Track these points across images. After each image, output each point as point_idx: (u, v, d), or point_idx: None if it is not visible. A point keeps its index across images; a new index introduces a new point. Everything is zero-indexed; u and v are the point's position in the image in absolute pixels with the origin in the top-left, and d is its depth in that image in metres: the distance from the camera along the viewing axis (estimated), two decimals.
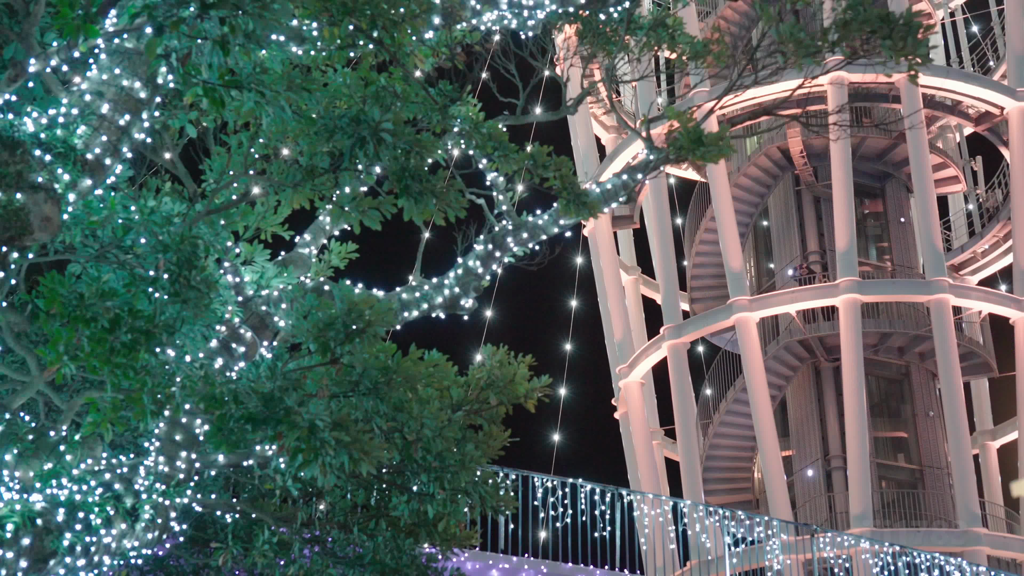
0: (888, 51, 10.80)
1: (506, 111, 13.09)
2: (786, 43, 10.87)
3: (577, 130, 40.49)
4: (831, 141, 34.79)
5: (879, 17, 10.54)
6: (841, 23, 10.83)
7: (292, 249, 13.19)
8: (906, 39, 10.64)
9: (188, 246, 9.87)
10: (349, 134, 9.87)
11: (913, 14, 10.93)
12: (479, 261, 12.13)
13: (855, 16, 10.66)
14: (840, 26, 10.80)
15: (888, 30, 10.56)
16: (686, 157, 11.26)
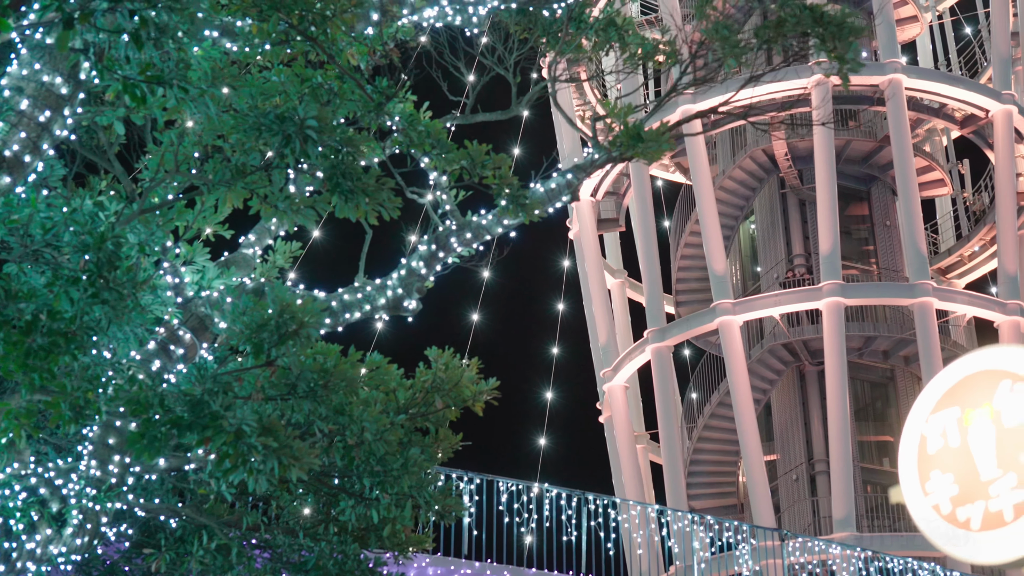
0: (820, 51, 10.56)
1: (454, 110, 12.88)
2: (714, 41, 10.65)
3: (561, 130, 40.27)
4: (815, 145, 34.59)
5: (813, 18, 10.31)
6: (774, 23, 10.60)
7: (237, 249, 12.98)
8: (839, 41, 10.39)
9: (109, 246, 9.65)
10: (275, 132, 9.65)
11: (847, 15, 10.71)
12: (422, 262, 11.89)
13: (789, 16, 10.43)
14: (773, 26, 10.58)
15: (821, 31, 10.33)
16: (627, 155, 11.03)
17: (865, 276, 37.36)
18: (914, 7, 39.67)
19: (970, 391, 9.37)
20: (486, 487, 18.56)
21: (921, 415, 9.91)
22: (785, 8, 10.42)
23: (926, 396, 9.98)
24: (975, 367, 9.54)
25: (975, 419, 9.17)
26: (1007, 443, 8.83)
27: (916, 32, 40.85)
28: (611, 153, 11.13)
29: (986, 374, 9.06)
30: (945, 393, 9.77)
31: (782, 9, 10.36)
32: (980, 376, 9.11)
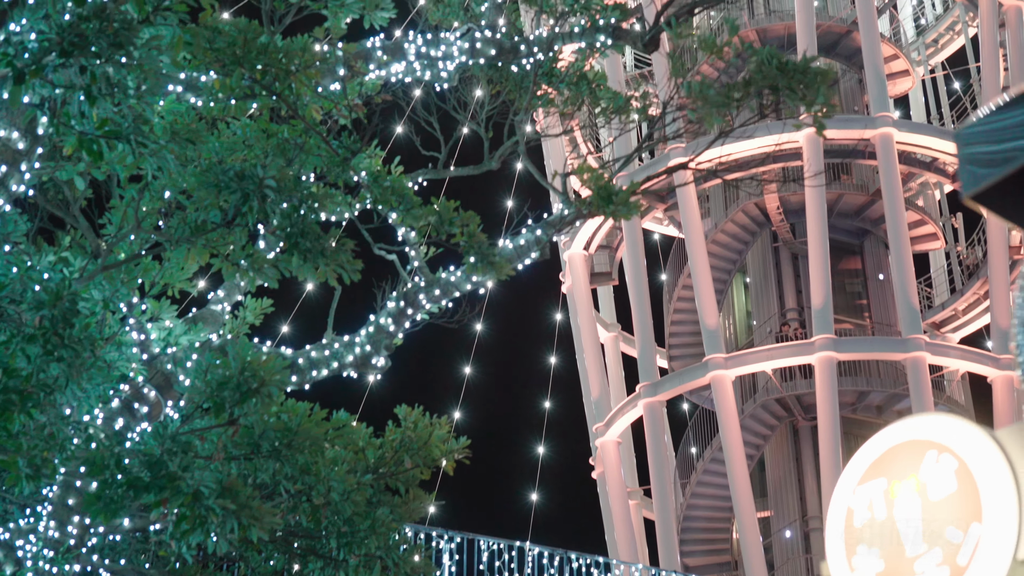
0: (793, 103, 10.48)
1: (429, 163, 12.78)
2: (695, 100, 10.56)
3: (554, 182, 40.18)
4: (807, 198, 34.54)
5: (779, 70, 10.23)
6: (744, 83, 10.52)
7: (206, 305, 12.83)
8: (808, 90, 10.30)
9: (66, 303, 9.51)
10: (234, 190, 9.52)
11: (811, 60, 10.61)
12: (391, 319, 11.74)
13: (757, 72, 10.34)
14: (743, 85, 10.49)
15: (789, 81, 10.25)
16: (597, 213, 10.90)
17: (859, 330, 37.17)
18: (905, 62, 39.76)
19: (897, 462, 9.17)
20: (466, 546, 18.28)
21: (848, 486, 9.71)
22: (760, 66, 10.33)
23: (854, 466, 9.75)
24: (902, 436, 9.37)
25: (901, 491, 8.99)
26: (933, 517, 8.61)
27: (908, 86, 40.92)
28: (581, 211, 11.00)
29: (913, 444, 8.88)
30: (872, 463, 9.54)
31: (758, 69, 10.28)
32: (907, 446, 8.93)
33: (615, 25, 11.28)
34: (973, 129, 3.16)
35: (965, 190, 3.07)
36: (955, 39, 43.63)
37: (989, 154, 3.21)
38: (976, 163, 3.15)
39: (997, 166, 3.15)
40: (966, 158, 3.06)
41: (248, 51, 9.64)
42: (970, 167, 3.07)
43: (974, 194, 3.10)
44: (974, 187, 3.09)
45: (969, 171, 3.07)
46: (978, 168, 3.15)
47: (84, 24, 8.22)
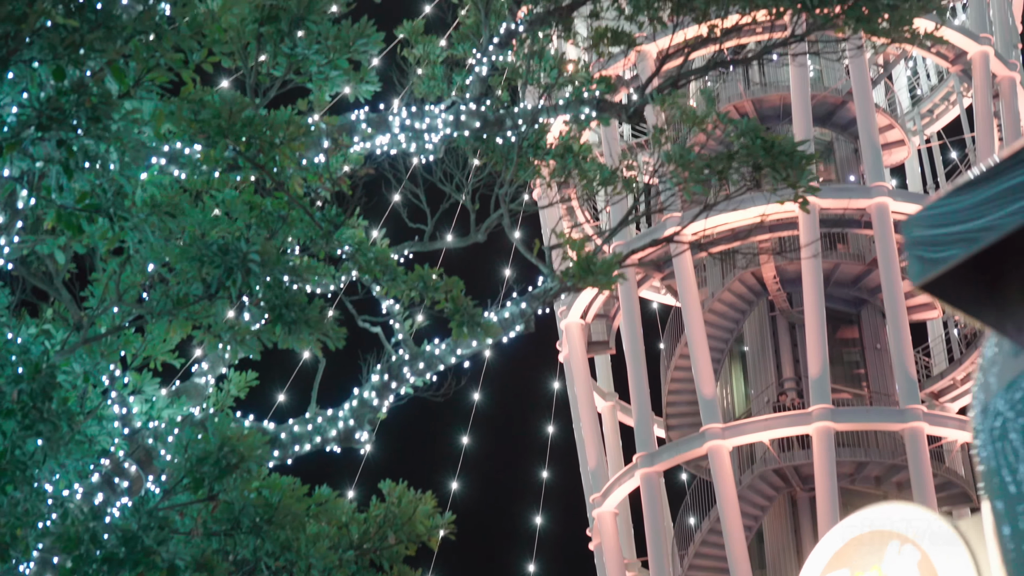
0: (776, 181, 10.45)
1: (416, 236, 12.74)
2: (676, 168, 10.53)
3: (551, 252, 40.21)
4: (803, 268, 34.52)
5: (763, 147, 10.21)
6: (726, 156, 10.49)
7: (190, 377, 12.72)
8: (791, 170, 10.28)
9: (44, 377, 9.42)
10: (217, 264, 9.47)
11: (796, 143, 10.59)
12: (374, 392, 11.64)
13: (742, 148, 10.33)
14: (725, 158, 10.46)
15: (773, 160, 10.22)
16: (579, 285, 10.84)
17: (857, 400, 36.97)
18: (901, 132, 39.93)
19: (860, 553, 9.02)
20: None
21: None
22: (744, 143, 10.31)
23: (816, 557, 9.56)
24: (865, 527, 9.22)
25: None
26: None
27: (904, 156, 41.07)
28: (564, 283, 10.94)
29: (876, 534, 8.75)
30: (835, 554, 9.37)
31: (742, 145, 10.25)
32: (870, 536, 8.81)
33: (600, 98, 11.29)
34: (921, 216, 3.08)
35: (914, 279, 2.98)
36: (950, 109, 43.87)
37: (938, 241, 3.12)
38: (924, 251, 3.06)
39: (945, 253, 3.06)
40: (914, 246, 2.98)
41: (233, 123, 9.62)
42: (918, 255, 2.99)
43: (923, 283, 3.00)
44: (923, 276, 3.00)
45: (917, 259, 2.98)
46: (927, 255, 3.06)
47: (62, 98, 8.21)
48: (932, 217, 3.13)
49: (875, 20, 10.07)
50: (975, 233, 3.13)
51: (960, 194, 3.11)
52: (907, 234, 3.13)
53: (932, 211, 3.15)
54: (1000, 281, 3.23)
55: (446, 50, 12.31)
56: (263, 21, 10.59)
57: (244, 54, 10.78)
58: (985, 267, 3.16)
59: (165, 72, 9.11)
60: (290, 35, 10.65)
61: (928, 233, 3.13)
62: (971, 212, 3.09)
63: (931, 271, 3.06)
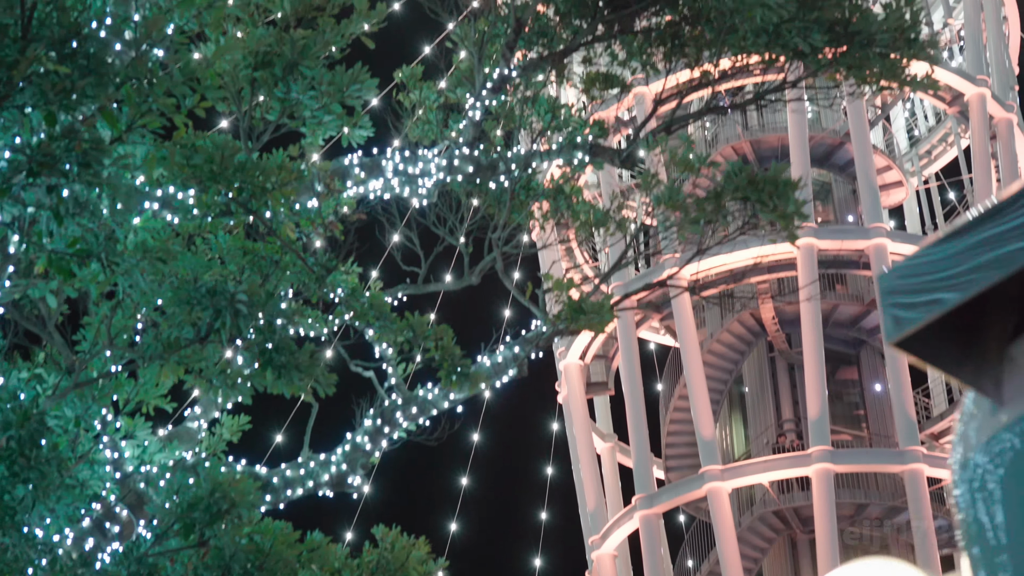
0: (765, 215, 10.44)
1: (408, 279, 12.73)
2: (667, 211, 10.53)
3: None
4: (802, 309, 34.49)
5: (749, 183, 10.21)
6: (713, 194, 10.50)
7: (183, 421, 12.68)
8: (778, 200, 10.27)
9: (33, 423, 9.38)
10: (206, 306, 9.45)
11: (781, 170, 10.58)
12: (367, 437, 11.59)
13: (727, 185, 10.34)
14: (712, 197, 10.47)
15: (759, 193, 10.22)
16: (571, 329, 10.82)
17: (856, 441, 36.85)
18: (899, 172, 40.02)
19: None
20: None
21: None
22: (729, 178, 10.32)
23: None
24: None
25: None
26: None
27: (902, 196, 41.14)
28: (556, 326, 10.92)
29: None
30: None
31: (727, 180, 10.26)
32: None
33: (592, 142, 11.32)
34: (895, 273, 3.06)
35: (888, 336, 2.95)
36: (948, 150, 43.98)
37: (913, 296, 3.09)
38: (899, 307, 3.04)
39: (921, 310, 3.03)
40: (888, 303, 2.95)
41: (225, 168, 9.63)
42: (893, 311, 2.96)
43: (897, 340, 2.98)
44: (897, 333, 2.97)
45: (892, 316, 2.96)
46: (901, 313, 3.03)
47: (53, 143, 8.22)
48: (906, 274, 3.10)
49: (867, 68, 10.10)
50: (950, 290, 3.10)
51: (934, 249, 3.09)
52: (881, 291, 3.10)
53: (906, 267, 3.13)
54: (976, 338, 3.21)
55: (440, 94, 12.34)
56: (257, 66, 10.62)
57: (238, 98, 10.82)
58: (961, 324, 3.14)
59: (157, 117, 9.13)
60: (284, 80, 10.68)
61: (902, 290, 3.11)
62: (946, 268, 3.07)
63: (905, 329, 3.03)
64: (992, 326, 3.21)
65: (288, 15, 10.72)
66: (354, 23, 11.00)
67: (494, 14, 11.44)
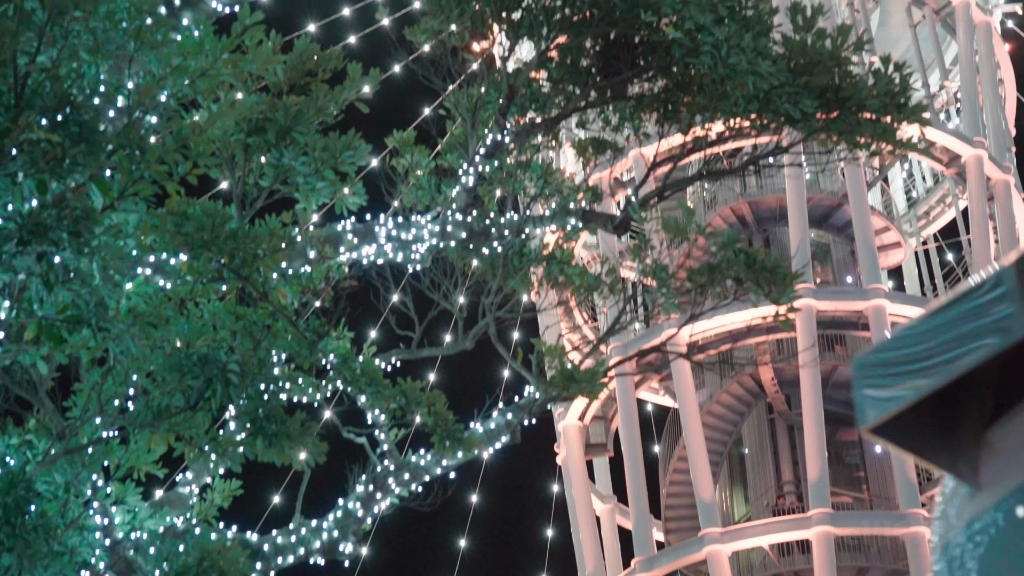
0: (757, 295, 10.44)
1: (401, 343, 12.70)
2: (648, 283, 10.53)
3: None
4: (801, 370, 34.39)
5: (746, 263, 10.21)
6: (707, 268, 10.50)
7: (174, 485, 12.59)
8: (774, 286, 10.28)
9: (20, 491, 9.31)
10: (197, 375, 9.41)
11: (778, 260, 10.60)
12: (359, 503, 11.50)
13: (722, 261, 10.34)
14: (706, 271, 10.47)
15: (755, 276, 10.23)
16: (564, 395, 10.77)
17: (857, 504, 36.58)
18: (897, 234, 40.08)
19: None
20: None
21: None
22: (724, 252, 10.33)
23: None
24: None
25: None
26: None
27: (900, 257, 41.18)
28: (549, 393, 10.87)
29: None
30: None
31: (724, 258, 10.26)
32: None
33: (585, 208, 11.33)
34: (870, 358, 3.04)
35: (861, 422, 2.92)
36: (946, 211, 44.10)
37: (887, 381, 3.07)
38: (873, 393, 3.01)
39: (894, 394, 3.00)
40: (862, 389, 2.93)
41: (215, 235, 9.63)
42: (866, 397, 2.93)
43: (872, 427, 2.95)
44: (871, 419, 2.94)
45: (865, 401, 2.93)
46: (875, 398, 3.00)
47: (44, 212, 8.23)
48: (880, 359, 3.08)
49: (859, 133, 10.14)
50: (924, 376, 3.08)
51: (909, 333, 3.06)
52: (855, 376, 3.08)
53: (881, 352, 3.11)
54: (952, 423, 3.18)
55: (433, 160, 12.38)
56: (250, 132, 10.66)
57: (231, 164, 10.84)
58: (936, 409, 3.11)
59: (150, 185, 9.14)
60: (277, 146, 10.71)
61: (876, 375, 3.08)
62: (920, 353, 3.05)
63: (879, 414, 3.00)
64: (968, 411, 3.18)
65: (281, 81, 10.77)
66: (348, 89, 11.05)
67: (487, 80, 11.50)
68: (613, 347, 35.45)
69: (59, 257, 8.19)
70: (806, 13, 10.29)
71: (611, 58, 10.93)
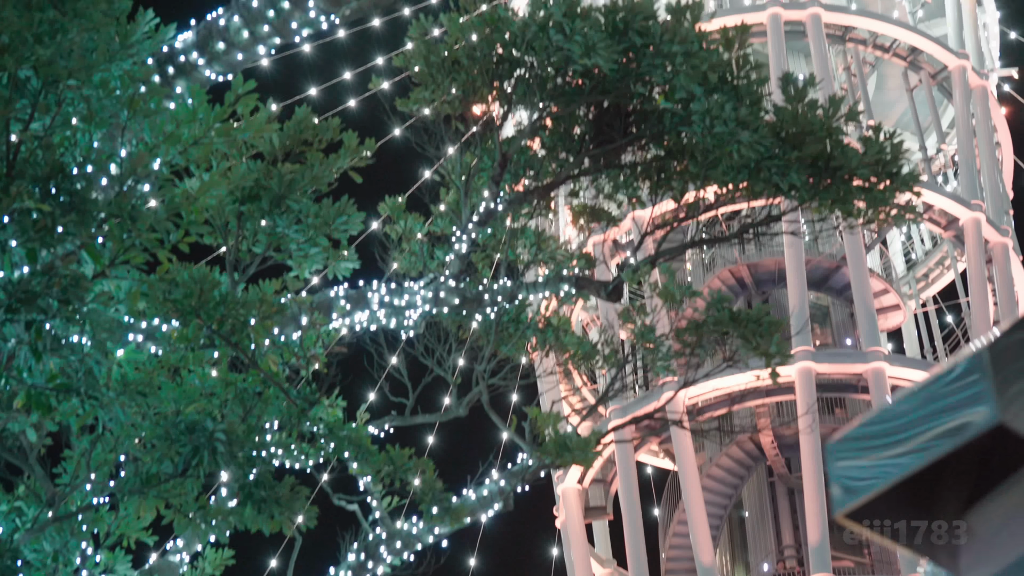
0: (747, 351, 10.41)
1: (394, 411, 12.64)
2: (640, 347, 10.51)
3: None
4: (800, 433, 34.25)
5: (731, 318, 10.21)
6: (694, 326, 10.49)
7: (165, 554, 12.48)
8: (760, 339, 10.26)
9: (5, 560, 9.23)
10: (184, 443, 9.37)
11: (765, 311, 10.59)
12: (351, 572, 11.40)
13: (708, 319, 10.33)
14: (693, 329, 10.46)
15: (742, 330, 10.21)
16: (557, 464, 10.71)
17: (859, 568, 36.28)
18: (896, 296, 40.06)
19: None
20: None
21: None
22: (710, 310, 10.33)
23: None
24: None
25: None
26: None
27: (900, 320, 41.13)
28: (542, 461, 10.81)
29: None
30: None
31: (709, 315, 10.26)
32: None
33: (578, 276, 11.33)
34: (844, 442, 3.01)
35: (834, 509, 2.89)
36: (945, 274, 44.12)
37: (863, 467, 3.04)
38: (848, 478, 2.98)
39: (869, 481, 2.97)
40: (836, 472, 2.90)
41: (205, 302, 9.62)
42: (841, 482, 2.90)
43: (846, 513, 2.91)
44: (844, 505, 2.91)
45: (840, 487, 2.90)
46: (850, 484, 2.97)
47: (34, 280, 8.23)
48: (855, 445, 3.05)
49: (851, 202, 10.17)
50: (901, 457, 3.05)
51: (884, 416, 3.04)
52: (829, 461, 3.05)
53: (856, 436, 3.08)
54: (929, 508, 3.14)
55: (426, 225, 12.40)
56: (244, 199, 10.68)
57: (224, 231, 10.85)
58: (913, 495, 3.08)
59: (141, 253, 9.15)
60: (270, 213, 10.73)
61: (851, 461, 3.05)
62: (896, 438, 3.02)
63: (853, 500, 2.97)
64: (945, 496, 3.14)
65: (276, 150, 10.81)
66: (343, 158, 11.09)
67: (481, 148, 11.55)
68: (612, 409, 35.35)
69: (48, 325, 8.18)
70: (798, 84, 10.35)
71: (604, 126, 10.99)
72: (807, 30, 39.50)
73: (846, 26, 40.47)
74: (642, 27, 9.84)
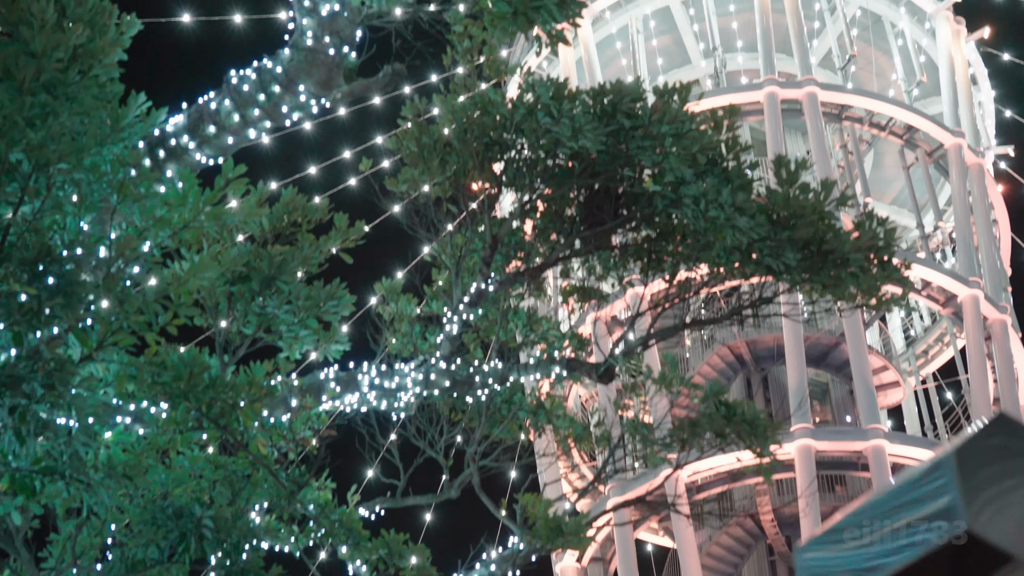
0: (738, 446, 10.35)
1: (389, 492, 12.55)
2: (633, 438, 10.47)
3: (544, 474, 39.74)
4: (800, 511, 33.97)
5: (725, 416, 10.16)
6: (689, 424, 10.45)
7: None
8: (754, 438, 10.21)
9: None
10: (171, 529, 9.28)
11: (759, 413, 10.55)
12: None
13: (703, 415, 10.30)
14: (687, 426, 10.42)
15: (736, 429, 10.16)
16: (550, 547, 10.60)
17: None
18: (895, 373, 39.95)
19: None
20: None
21: None
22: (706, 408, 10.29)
23: None
24: None
25: None
26: None
27: (900, 396, 40.98)
28: (533, 545, 10.69)
29: None
30: None
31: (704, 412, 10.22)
32: None
33: (569, 358, 11.29)
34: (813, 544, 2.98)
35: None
36: (944, 350, 44.03)
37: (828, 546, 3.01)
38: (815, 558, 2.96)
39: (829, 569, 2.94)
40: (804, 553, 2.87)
41: (194, 385, 9.57)
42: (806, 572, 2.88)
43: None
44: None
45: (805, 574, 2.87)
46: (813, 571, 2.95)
47: (19, 364, 8.19)
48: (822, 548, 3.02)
49: (843, 286, 10.15)
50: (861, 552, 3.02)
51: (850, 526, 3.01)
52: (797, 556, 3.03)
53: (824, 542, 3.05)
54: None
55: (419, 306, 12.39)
56: (234, 281, 10.67)
57: (215, 312, 10.84)
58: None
59: (128, 336, 9.11)
60: (261, 294, 10.72)
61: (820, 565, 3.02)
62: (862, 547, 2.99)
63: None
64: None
65: (266, 231, 10.83)
66: (333, 239, 11.11)
67: (471, 230, 11.57)
68: (611, 487, 35.11)
69: (34, 409, 8.12)
70: (790, 167, 10.38)
71: (595, 207, 11.02)
72: (804, 108, 39.78)
73: (842, 104, 40.76)
74: (630, 109, 9.91)
